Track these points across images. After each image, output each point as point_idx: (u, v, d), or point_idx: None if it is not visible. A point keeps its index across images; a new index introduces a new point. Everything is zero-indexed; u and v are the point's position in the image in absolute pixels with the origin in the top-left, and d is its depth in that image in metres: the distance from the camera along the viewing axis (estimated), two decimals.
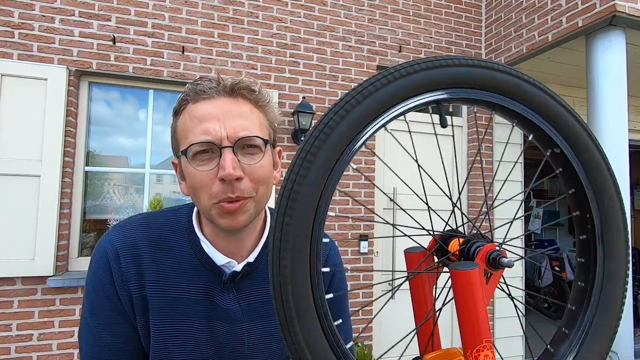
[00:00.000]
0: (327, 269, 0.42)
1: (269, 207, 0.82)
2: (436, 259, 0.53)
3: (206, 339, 0.72)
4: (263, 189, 0.69)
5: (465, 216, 0.53)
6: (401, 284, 0.53)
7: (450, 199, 0.50)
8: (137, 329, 0.71)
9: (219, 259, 0.73)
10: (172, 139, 0.73)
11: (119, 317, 0.70)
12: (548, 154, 0.53)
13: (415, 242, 0.54)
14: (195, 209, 0.77)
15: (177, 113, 0.71)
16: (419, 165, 0.51)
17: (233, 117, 0.66)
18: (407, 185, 0.54)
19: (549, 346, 0.54)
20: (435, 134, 1.02)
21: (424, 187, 0.53)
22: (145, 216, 0.76)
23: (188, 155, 0.66)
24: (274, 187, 0.75)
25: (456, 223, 0.53)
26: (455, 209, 0.51)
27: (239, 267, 0.74)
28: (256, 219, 0.74)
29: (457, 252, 0.50)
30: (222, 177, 0.63)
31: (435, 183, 0.54)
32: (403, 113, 0.45)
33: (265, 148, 0.69)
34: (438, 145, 0.57)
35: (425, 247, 0.54)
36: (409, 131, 0.51)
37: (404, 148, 0.52)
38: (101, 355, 0.70)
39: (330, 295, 0.42)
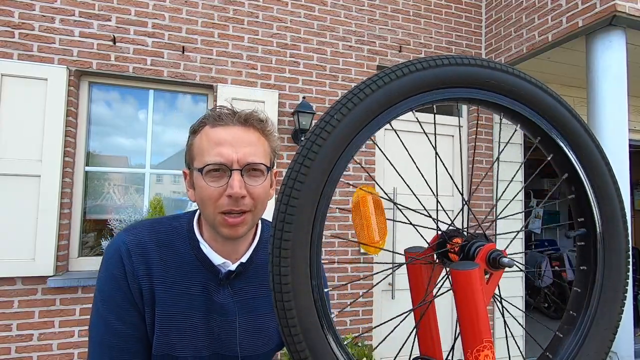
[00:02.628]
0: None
1: (260, 219, 0.92)
2: (436, 259, 0.53)
3: (204, 330, 0.81)
4: (260, 206, 0.82)
5: (447, 215, 0.53)
6: (409, 312, 0.53)
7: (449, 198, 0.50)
8: (145, 318, 0.79)
9: (216, 259, 0.83)
10: (188, 152, 0.83)
11: (130, 306, 0.78)
12: (565, 177, 0.55)
13: (421, 232, 0.54)
14: (196, 216, 0.88)
15: (195, 132, 0.81)
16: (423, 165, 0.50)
17: (244, 145, 0.78)
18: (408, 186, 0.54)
19: (557, 333, 0.54)
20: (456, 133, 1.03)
21: (431, 187, 0.53)
22: (152, 222, 0.87)
23: (203, 172, 0.77)
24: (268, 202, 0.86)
25: (435, 224, 0.53)
26: (440, 208, 0.51)
27: (233, 266, 0.84)
28: None
29: (457, 249, 0.50)
30: (230, 195, 0.75)
31: (428, 184, 0.54)
32: (410, 110, 0.45)
33: (267, 173, 0.81)
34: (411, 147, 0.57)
35: (425, 248, 0.54)
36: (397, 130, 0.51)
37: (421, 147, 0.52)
38: (111, 341, 0.77)
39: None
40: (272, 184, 0.88)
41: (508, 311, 0.53)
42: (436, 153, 0.49)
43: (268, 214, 0.92)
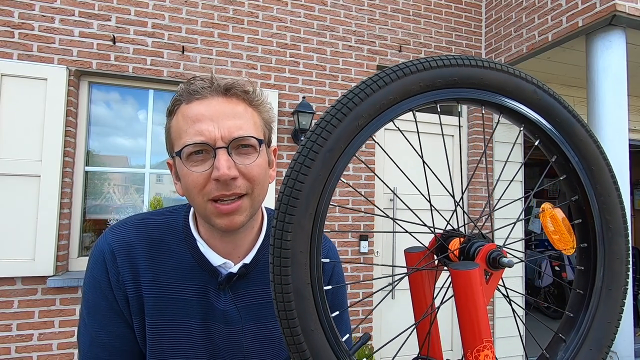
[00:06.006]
0: (327, 260, 0.43)
1: (266, 208, 0.82)
2: (436, 259, 0.53)
3: (202, 339, 0.72)
4: (259, 188, 0.69)
5: (468, 216, 0.53)
6: (401, 278, 0.53)
7: (454, 197, 0.50)
8: (134, 329, 0.71)
9: (215, 259, 0.72)
10: (166, 139, 0.72)
11: (116, 317, 0.70)
12: (562, 178, 0.55)
13: (417, 240, 0.54)
14: (192, 209, 0.77)
15: (170, 113, 0.71)
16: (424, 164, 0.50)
17: (227, 117, 0.66)
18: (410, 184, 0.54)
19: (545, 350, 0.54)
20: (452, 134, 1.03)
21: (428, 187, 0.53)
22: (142, 217, 0.76)
23: (182, 156, 0.66)
24: (269, 186, 0.75)
25: (457, 222, 0.53)
26: (458, 208, 0.51)
27: (235, 268, 0.73)
28: (253, 219, 0.73)
29: (457, 251, 0.50)
30: (217, 178, 0.63)
31: (437, 182, 0.54)
32: (411, 110, 0.45)
33: (260, 148, 0.69)
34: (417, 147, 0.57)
35: (426, 246, 0.54)
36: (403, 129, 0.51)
37: (420, 146, 0.52)
38: (98, 354, 0.70)
39: (329, 287, 0.43)
40: (272, 164, 0.76)
41: (512, 305, 0.53)
42: (447, 152, 0.49)
43: (269, 202, 0.82)
